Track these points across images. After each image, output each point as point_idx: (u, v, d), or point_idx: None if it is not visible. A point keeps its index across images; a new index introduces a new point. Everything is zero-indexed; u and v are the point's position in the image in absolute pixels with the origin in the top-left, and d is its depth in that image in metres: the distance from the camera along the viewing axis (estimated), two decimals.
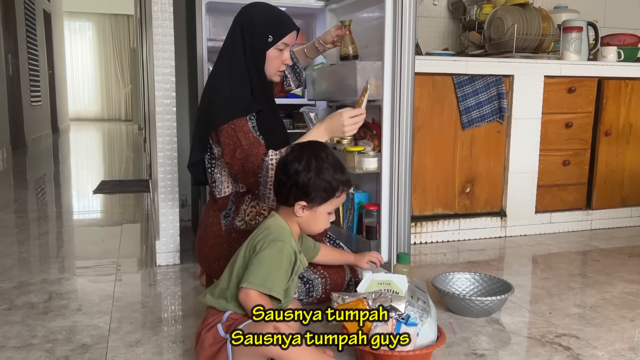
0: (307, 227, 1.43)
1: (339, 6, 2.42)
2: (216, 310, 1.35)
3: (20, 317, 1.72)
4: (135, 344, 1.54)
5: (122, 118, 13.41)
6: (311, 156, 1.38)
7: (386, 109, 1.99)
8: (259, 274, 1.29)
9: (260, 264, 1.30)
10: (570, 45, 2.83)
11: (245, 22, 1.82)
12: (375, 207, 2.08)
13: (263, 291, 1.27)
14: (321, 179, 1.36)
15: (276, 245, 1.32)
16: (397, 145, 1.98)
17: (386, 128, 2.01)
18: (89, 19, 12.90)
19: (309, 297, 1.76)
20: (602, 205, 2.99)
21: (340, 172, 1.41)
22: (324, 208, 1.40)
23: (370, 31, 2.18)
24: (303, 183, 1.36)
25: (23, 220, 3.08)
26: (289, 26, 1.83)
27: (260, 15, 1.83)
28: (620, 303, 1.90)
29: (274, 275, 1.29)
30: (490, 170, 2.74)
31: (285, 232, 1.37)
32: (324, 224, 1.43)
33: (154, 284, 2.08)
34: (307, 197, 1.37)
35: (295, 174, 1.37)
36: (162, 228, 2.25)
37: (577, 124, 2.85)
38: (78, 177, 4.94)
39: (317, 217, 1.41)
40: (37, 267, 2.24)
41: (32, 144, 6.98)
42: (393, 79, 1.97)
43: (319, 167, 1.37)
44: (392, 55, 1.96)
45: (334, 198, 1.40)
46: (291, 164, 1.38)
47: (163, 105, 2.20)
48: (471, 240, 2.74)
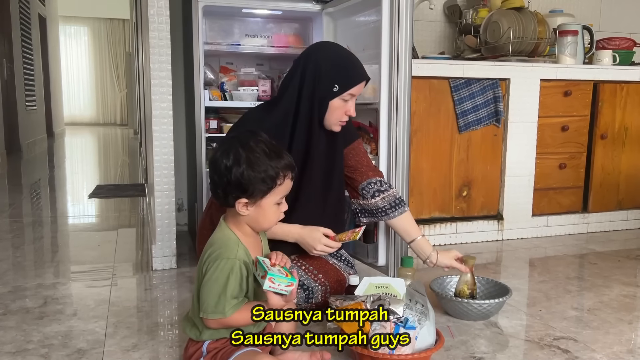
0: (257, 225, 1.31)
1: (336, 9, 2.42)
2: (194, 341, 1.33)
3: (15, 322, 1.70)
4: (132, 348, 1.53)
5: (117, 122, 13.37)
6: (238, 148, 1.24)
7: (383, 112, 2.00)
8: (210, 300, 1.22)
9: (208, 289, 1.23)
10: (565, 48, 2.84)
11: (311, 65, 1.68)
12: None
13: (218, 317, 1.23)
14: (255, 171, 1.23)
15: (219, 264, 1.23)
16: (394, 148, 1.98)
17: (383, 131, 2.01)
18: (84, 23, 12.88)
19: (308, 303, 1.75)
20: (598, 208, 3.00)
21: (277, 158, 1.26)
22: (268, 200, 1.27)
23: (367, 34, 2.18)
24: (236, 179, 1.23)
25: (18, 224, 3.06)
26: (358, 76, 1.71)
27: (328, 60, 1.69)
28: (617, 306, 1.90)
29: (222, 297, 1.22)
30: (486, 174, 2.74)
31: (230, 242, 1.28)
32: (275, 216, 1.31)
33: (150, 288, 2.07)
34: (245, 193, 1.24)
35: (226, 171, 1.24)
36: (159, 232, 2.24)
37: (573, 127, 2.85)
38: (73, 182, 4.92)
39: (264, 212, 1.28)
40: (33, 272, 2.22)
41: (27, 149, 6.95)
42: (390, 82, 1.97)
43: (250, 158, 1.23)
44: (388, 58, 1.96)
45: (276, 187, 1.26)
46: (219, 160, 1.25)
47: (160, 108, 2.19)
48: (468, 243, 2.74)
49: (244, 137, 1.28)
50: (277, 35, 2.75)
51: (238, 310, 1.24)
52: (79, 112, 13.23)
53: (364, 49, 2.16)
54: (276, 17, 2.75)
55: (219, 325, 1.26)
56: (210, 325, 1.26)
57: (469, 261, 1.80)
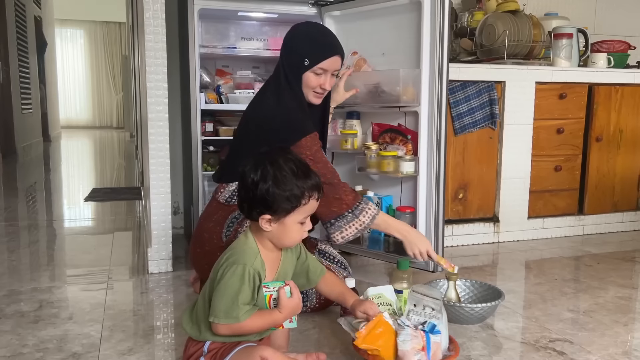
0: (279, 241, 1.32)
1: (344, 13, 2.40)
2: (195, 340, 1.32)
3: (10, 326, 1.69)
4: (127, 352, 1.52)
5: (113, 125, 13.34)
6: (267, 164, 1.26)
7: (424, 114, 2.07)
8: (221, 305, 1.23)
9: (221, 293, 1.24)
10: (560, 51, 2.85)
11: (286, 41, 1.83)
12: (410, 209, 2.10)
13: (230, 322, 1.23)
14: (281, 189, 1.24)
15: (236, 270, 1.24)
16: (435, 149, 2.06)
17: (424, 133, 2.08)
18: (80, 26, 12.86)
19: (303, 306, 1.75)
20: (593, 210, 3.01)
21: (304, 178, 1.27)
22: (292, 219, 1.28)
23: (387, 39, 2.21)
24: (262, 195, 1.24)
25: (13, 228, 3.05)
26: (329, 51, 1.79)
27: (299, 36, 1.81)
28: (613, 308, 1.91)
29: (236, 302, 1.23)
30: (482, 176, 2.75)
31: (249, 251, 1.29)
32: (297, 235, 1.31)
33: (146, 291, 2.06)
34: (269, 210, 1.25)
35: (252, 186, 1.25)
36: (154, 235, 2.23)
37: (568, 129, 2.86)
38: (69, 185, 4.91)
39: (286, 230, 1.29)
40: (28, 276, 2.21)
41: (22, 152, 6.93)
42: (431, 85, 2.04)
43: (277, 176, 1.24)
44: (429, 62, 2.04)
45: (300, 207, 1.27)
46: (247, 175, 1.27)
47: (155, 111, 2.19)
48: (464, 246, 2.74)
49: (274, 154, 1.30)
50: (273, 39, 2.75)
51: (250, 317, 1.24)
52: (75, 115, 13.20)
53: (383, 53, 2.18)
54: (272, 20, 2.75)
55: (230, 332, 1.25)
56: (220, 331, 1.25)
57: (452, 277, 1.79)
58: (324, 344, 1.59)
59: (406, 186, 2.23)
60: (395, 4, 2.16)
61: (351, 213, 1.76)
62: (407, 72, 2.07)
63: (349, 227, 1.77)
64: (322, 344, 1.59)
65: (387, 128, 2.25)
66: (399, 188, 2.26)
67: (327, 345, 1.58)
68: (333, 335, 1.65)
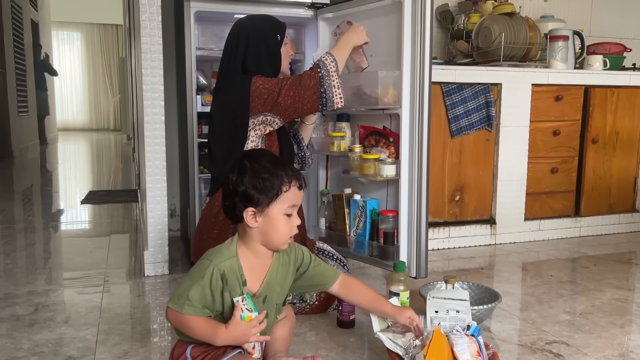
0: (268, 240, 1.29)
1: (335, 15, 2.41)
2: (182, 341, 1.31)
3: (5, 329, 1.69)
4: (123, 355, 1.52)
5: (110, 128, 13.32)
6: (243, 160, 1.28)
7: (405, 117, 2.04)
8: (177, 291, 1.24)
9: (183, 281, 1.26)
10: (556, 53, 2.86)
11: (252, 32, 1.95)
12: (393, 213, 2.09)
13: (176, 309, 1.21)
14: (259, 177, 1.24)
15: (202, 264, 1.25)
16: (416, 152, 2.02)
17: (405, 136, 2.05)
18: (77, 28, 12.85)
19: (302, 301, 1.75)
20: (590, 212, 3.01)
21: (281, 166, 1.28)
22: (276, 208, 1.26)
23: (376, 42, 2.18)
24: (243, 189, 1.25)
25: (9, 231, 3.05)
26: (281, 22, 2.03)
27: (261, 22, 2.00)
28: (609, 309, 1.91)
29: (186, 293, 1.21)
30: (479, 178, 2.75)
31: (225, 252, 1.27)
32: (284, 229, 1.28)
33: (142, 294, 2.06)
34: (251, 202, 1.24)
35: (233, 184, 1.26)
36: (151, 238, 2.23)
37: (564, 131, 2.87)
38: (66, 188, 4.89)
39: (273, 222, 1.26)
40: (24, 279, 2.21)
41: (19, 155, 6.92)
42: (412, 88, 2.01)
43: (254, 167, 1.26)
44: (410, 64, 2.01)
45: (282, 194, 1.25)
46: (227, 175, 1.28)
47: (151, 114, 2.19)
48: (461, 248, 2.74)
49: (249, 152, 1.35)
50: None
51: (196, 317, 1.22)
52: (72, 118, 13.17)
53: (371, 55, 2.17)
54: None
55: (174, 320, 1.24)
56: (168, 315, 1.25)
57: (450, 280, 1.79)
58: (320, 347, 1.59)
59: (392, 189, 2.21)
60: (380, 5, 2.14)
61: (322, 86, 1.90)
62: (385, 74, 2.03)
63: (332, 88, 1.91)
64: (318, 347, 1.59)
65: (372, 130, 2.24)
66: (385, 191, 2.24)
67: (324, 347, 1.58)
68: (330, 337, 1.65)
